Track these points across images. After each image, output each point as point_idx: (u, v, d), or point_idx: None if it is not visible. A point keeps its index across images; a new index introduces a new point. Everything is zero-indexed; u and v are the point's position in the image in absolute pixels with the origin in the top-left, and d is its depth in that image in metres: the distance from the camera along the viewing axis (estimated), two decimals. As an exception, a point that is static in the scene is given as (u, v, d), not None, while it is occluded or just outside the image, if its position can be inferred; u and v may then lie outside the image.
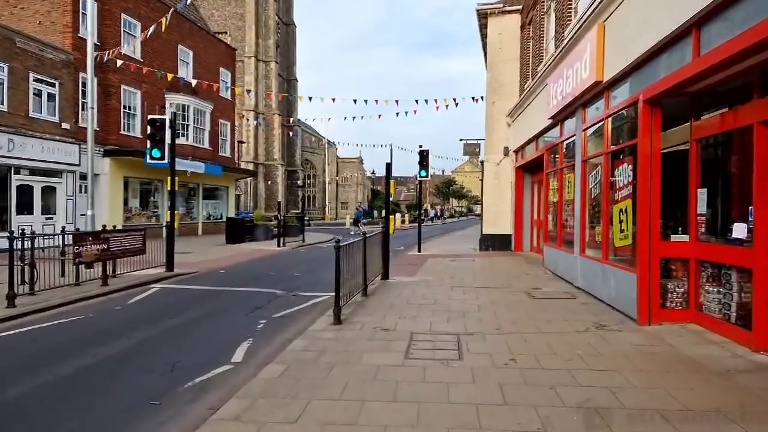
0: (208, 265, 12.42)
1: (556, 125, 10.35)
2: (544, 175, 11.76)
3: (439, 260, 13.58)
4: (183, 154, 20.89)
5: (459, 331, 5.83)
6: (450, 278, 10.18)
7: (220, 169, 22.69)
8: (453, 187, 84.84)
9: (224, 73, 25.30)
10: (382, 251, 10.06)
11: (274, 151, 60.64)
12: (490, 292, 8.49)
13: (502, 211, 15.95)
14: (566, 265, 9.43)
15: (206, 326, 6.49)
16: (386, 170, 10.26)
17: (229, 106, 26.00)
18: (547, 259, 11.15)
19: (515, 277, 10.24)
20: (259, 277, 10.69)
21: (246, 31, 59.32)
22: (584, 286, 8.31)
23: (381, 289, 8.92)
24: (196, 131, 22.09)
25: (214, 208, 25.26)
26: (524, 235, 15.35)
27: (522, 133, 14.17)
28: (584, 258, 8.39)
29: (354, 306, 7.26)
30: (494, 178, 16.07)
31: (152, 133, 10.32)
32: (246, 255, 15.12)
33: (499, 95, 15.92)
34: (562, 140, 10.02)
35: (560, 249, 9.97)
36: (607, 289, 7.21)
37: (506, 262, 12.73)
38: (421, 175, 15.86)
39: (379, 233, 9.87)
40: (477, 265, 12.32)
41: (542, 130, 11.67)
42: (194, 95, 21.96)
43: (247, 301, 8.15)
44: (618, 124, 7.32)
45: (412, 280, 10.02)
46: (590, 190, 8.24)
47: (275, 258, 14.71)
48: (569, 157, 9.78)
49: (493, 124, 16.06)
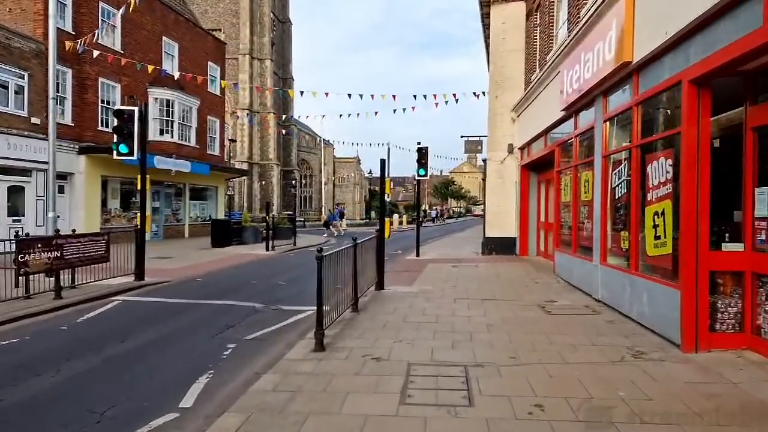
0: (185, 273, 11.32)
1: (570, 117, 9.30)
2: (554, 173, 10.71)
3: (440, 266, 12.52)
4: (167, 152, 19.81)
5: (467, 361, 4.76)
6: (452, 288, 9.12)
7: (207, 168, 21.58)
8: (452, 187, 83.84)
9: (213, 68, 24.19)
10: (376, 258, 8.99)
11: (269, 151, 59.50)
12: (498, 305, 7.43)
13: (506, 213, 14.90)
14: (582, 273, 8.38)
15: (161, 353, 5.41)
16: (381, 168, 9.20)
17: (218, 103, 24.89)
18: (558, 265, 10.10)
19: (524, 286, 9.18)
20: (239, 287, 9.60)
21: (240, 28, 58.19)
22: (606, 299, 7.26)
23: (374, 301, 7.85)
24: (181, 128, 20.97)
25: (203, 209, 24.14)
26: (530, 239, 14.31)
27: (528, 129, 13.12)
28: (606, 267, 7.34)
29: (342, 325, 6.19)
30: (498, 177, 15.02)
31: (119, 126, 9.22)
32: (230, 260, 14.03)
33: (502, 89, 14.87)
34: (576, 134, 8.97)
35: (575, 255, 8.92)
36: (637, 305, 6.15)
37: (513, 269, 11.68)
38: (419, 174, 14.79)
39: (373, 238, 8.80)
40: (481, 272, 11.26)
41: (552, 125, 10.63)
42: (180, 90, 20.86)
43: (219, 317, 7.07)
44: (651, 112, 6.26)
45: (410, 290, 8.96)
46: (614, 189, 7.18)
47: (261, 264, 13.62)
48: (586, 153, 8.73)
49: (496, 119, 15.01)
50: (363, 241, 8.11)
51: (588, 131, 8.45)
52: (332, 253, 5.91)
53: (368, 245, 8.57)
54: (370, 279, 8.74)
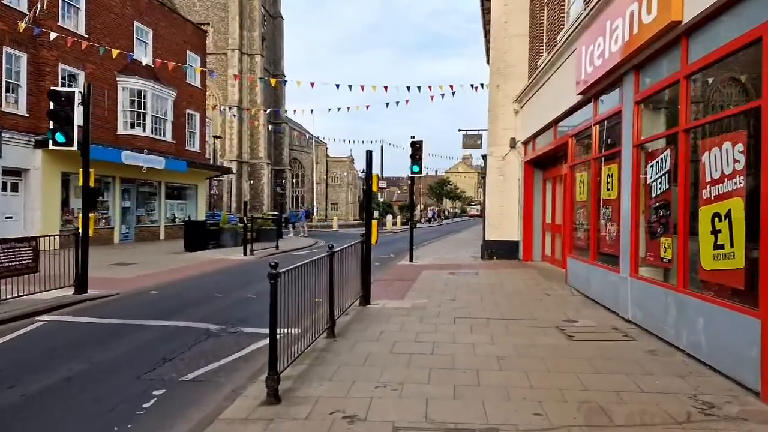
0: (141, 283, 9.85)
1: (588, 102, 7.96)
2: (566, 168, 9.39)
3: (436, 273, 11.15)
4: (138, 146, 18.29)
5: (475, 422, 3.39)
6: (450, 302, 7.74)
7: (184, 165, 20.06)
8: (447, 187, 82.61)
9: (193, 58, 22.66)
10: (361, 267, 7.61)
11: (259, 149, 57.89)
12: (508, 327, 6.06)
13: (508, 214, 13.56)
14: (605, 286, 7.03)
15: (54, 407, 3.97)
16: (367, 161, 7.80)
17: (199, 95, 23.37)
18: (572, 274, 8.76)
19: (536, 300, 7.82)
20: (199, 302, 8.17)
21: (229, 22, 56.58)
22: (640, 320, 5.91)
23: (357, 322, 6.46)
24: (155, 121, 19.44)
25: (181, 210, 22.60)
26: (534, 242, 12.97)
27: (533, 121, 11.79)
28: (639, 281, 5.99)
29: (311, 358, 4.81)
30: (499, 175, 13.67)
31: (55, 111, 7.75)
32: (200, 267, 12.56)
33: (504, 77, 13.53)
34: (596, 121, 7.62)
35: (594, 264, 7.57)
36: (689, 333, 4.81)
37: (518, 277, 10.32)
38: (413, 171, 13.43)
39: (357, 244, 7.41)
40: (483, 281, 9.89)
41: (564, 113, 9.29)
42: (154, 80, 19.34)
43: (159, 345, 5.65)
44: (708, 86, 4.92)
45: (401, 305, 7.57)
46: (649, 185, 5.84)
47: (233, 271, 12.16)
48: (609, 143, 7.39)
49: (497, 111, 13.66)
50: (344, 247, 6.73)
51: (612, 117, 7.12)
52: (298, 267, 4.52)
53: (351, 252, 7.20)
54: (353, 293, 7.37)
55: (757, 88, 4.00)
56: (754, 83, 4.14)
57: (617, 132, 6.92)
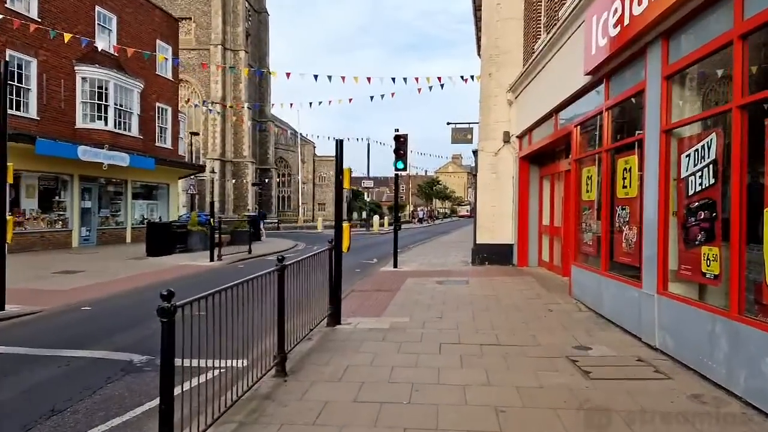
0: (77, 296, 8.46)
1: (598, 84, 6.78)
2: (566, 164, 8.21)
3: (421, 282, 9.91)
4: (98, 141, 16.78)
5: None
6: (436, 321, 6.51)
7: (152, 162, 18.57)
8: (436, 187, 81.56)
9: (163, 48, 21.16)
10: (331, 280, 6.34)
11: (243, 148, 56.22)
12: (507, 359, 4.83)
13: (501, 215, 12.37)
14: (622, 303, 5.84)
15: None
16: (336, 152, 6.53)
17: (170, 88, 21.86)
18: (577, 285, 7.57)
19: (537, 318, 6.60)
20: (134, 322, 6.82)
21: (212, 17, 54.87)
22: (672, 350, 4.72)
23: (319, 351, 5.19)
24: (119, 114, 17.94)
25: (151, 211, 21.09)
26: (530, 246, 11.80)
27: (530, 111, 10.62)
28: (669, 299, 4.80)
29: (242, 417, 3.54)
30: (491, 172, 12.48)
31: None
32: (157, 275, 11.17)
33: (497, 65, 12.34)
34: (608, 106, 6.43)
35: (607, 275, 6.38)
36: (750, 375, 3.61)
37: (514, 287, 9.12)
38: (397, 167, 12.18)
39: (324, 251, 6.15)
40: (475, 292, 8.67)
41: (566, 101, 8.12)
42: (118, 70, 17.84)
43: (56, 387, 4.32)
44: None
45: (376, 325, 6.32)
46: (684, 179, 4.65)
47: (193, 280, 10.79)
48: (625, 131, 6.21)
49: (489, 102, 12.47)
50: (305, 257, 5.49)
51: (630, 99, 5.94)
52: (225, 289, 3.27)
53: (316, 263, 5.94)
54: (320, 310, 6.12)
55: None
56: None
57: (637, 116, 5.74)
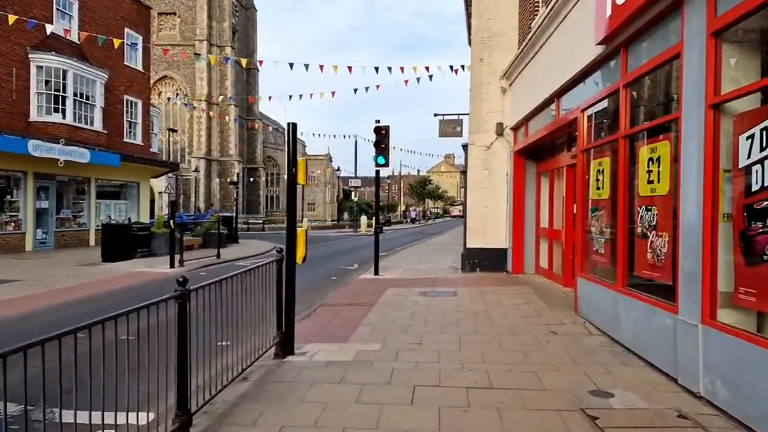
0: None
1: (612, 56, 5.52)
2: (577, 155, 6.98)
3: (403, 293, 8.62)
4: (54, 135, 15.31)
5: None
6: (414, 348, 5.23)
7: (117, 159, 17.10)
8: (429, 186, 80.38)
9: (132, 37, 19.68)
10: (278, 300, 5.03)
11: (229, 146, 54.68)
12: (503, 417, 3.54)
13: (494, 216, 11.11)
14: (649, 331, 4.58)
15: None
16: (288, 135, 5.22)
17: (141, 80, 20.37)
18: (586, 302, 6.31)
19: (538, 346, 5.32)
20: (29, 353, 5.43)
21: (197, 12, 53.35)
22: (726, 403, 3.46)
23: (251, 401, 3.88)
24: (79, 106, 16.47)
25: (120, 212, 19.60)
26: (526, 251, 10.55)
27: (526, 99, 9.37)
28: (722, 333, 3.54)
29: None
30: (483, 168, 11.21)
31: None
32: (101, 285, 9.77)
33: (489, 49, 11.08)
34: (628, 81, 5.17)
35: (626, 293, 5.12)
36: None
37: (509, 300, 7.84)
38: (378, 163, 10.88)
39: (268, 264, 4.85)
40: (463, 307, 7.38)
41: (571, 81, 6.86)
42: (79, 58, 16.36)
43: None
44: None
45: (337, 358, 5.02)
46: (745, 170, 3.38)
47: (142, 291, 9.37)
48: (653, 110, 4.96)
49: (481, 90, 11.20)
50: (237, 273, 4.19)
51: (657, 69, 4.68)
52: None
53: (259, 278, 4.66)
54: (265, 337, 4.83)
55: None
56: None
57: (669, 91, 4.49)
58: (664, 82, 4.65)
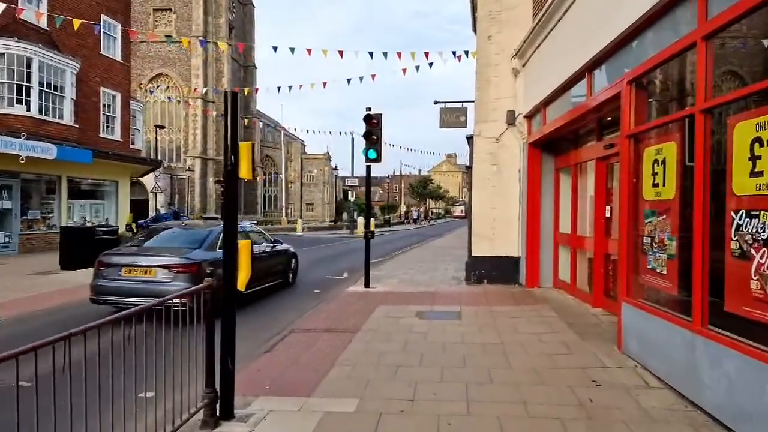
0: None
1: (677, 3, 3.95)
2: (620, 142, 5.43)
3: (396, 313, 7.08)
4: (15, 129, 13.84)
5: None
6: (404, 409, 3.69)
7: (89, 155, 15.58)
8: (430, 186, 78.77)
9: (111, 25, 18.19)
10: (208, 346, 3.50)
11: (225, 145, 53.13)
12: None
13: (504, 219, 9.55)
14: (751, 400, 3.01)
15: None
16: (225, 106, 3.69)
17: (120, 72, 18.87)
18: (635, 336, 4.73)
19: (576, 407, 3.76)
20: None
21: (193, 8, 51.91)
22: None
23: None
24: (46, 98, 14.97)
25: (96, 213, 18.10)
26: (543, 261, 8.98)
27: (545, 79, 7.81)
28: None
29: None
30: (491, 164, 9.65)
31: None
32: (33, 302, 8.21)
33: (499, 25, 9.52)
34: (711, 30, 3.59)
35: (707, 334, 3.56)
36: None
37: (527, 328, 6.26)
38: (368, 157, 9.33)
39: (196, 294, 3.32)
40: (470, 338, 5.81)
41: (612, 44, 5.30)
42: (47, 45, 14.88)
43: None
44: None
45: (294, 427, 3.46)
46: None
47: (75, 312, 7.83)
48: (752, 72, 3.39)
49: (488, 74, 9.64)
50: (123, 315, 2.61)
51: (757, 11, 3.11)
52: None
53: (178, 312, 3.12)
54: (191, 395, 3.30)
55: None
56: None
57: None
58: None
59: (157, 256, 7.01)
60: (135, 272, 6.89)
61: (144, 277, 6.83)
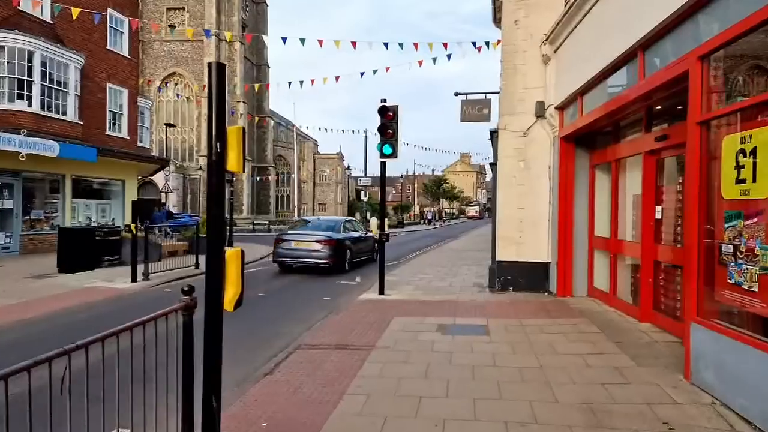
0: None
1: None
2: (689, 130, 4.60)
3: (414, 326, 6.31)
4: (16, 125, 13.39)
5: None
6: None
7: (93, 153, 15.08)
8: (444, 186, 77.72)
9: (118, 20, 17.74)
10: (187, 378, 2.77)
11: (237, 144, 52.88)
12: None
13: (532, 221, 8.71)
14: None
15: None
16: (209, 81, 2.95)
17: (127, 67, 18.40)
18: (713, 368, 3.90)
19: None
20: None
21: (206, 6, 51.74)
22: None
23: None
24: (48, 93, 14.51)
25: (102, 212, 17.65)
26: (576, 267, 8.12)
27: (583, 65, 6.97)
28: None
29: None
30: (517, 160, 8.82)
31: None
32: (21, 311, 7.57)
33: (527, 7, 8.69)
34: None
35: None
36: None
37: (567, 347, 5.44)
38: (383, 153, 8.59)
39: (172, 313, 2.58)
40: (501, 360, 5.01)
41: (678, 14, 4.46)
42: (50, 39, 14.43)
43: None
44: None
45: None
46: None
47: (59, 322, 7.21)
48: None
49: (515, 61, 8.81)
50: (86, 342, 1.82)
51: None
52: None
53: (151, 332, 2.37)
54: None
55: None
56: None
57: None
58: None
59: (313, 235, 11.87)
60: (300, 245, 11.84)
61: (306, 247, 11.72)
